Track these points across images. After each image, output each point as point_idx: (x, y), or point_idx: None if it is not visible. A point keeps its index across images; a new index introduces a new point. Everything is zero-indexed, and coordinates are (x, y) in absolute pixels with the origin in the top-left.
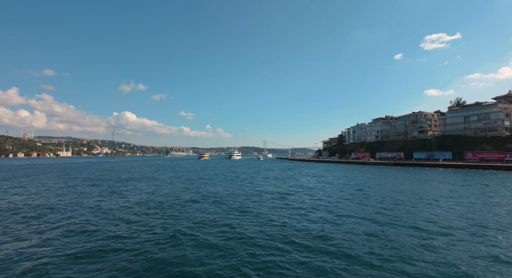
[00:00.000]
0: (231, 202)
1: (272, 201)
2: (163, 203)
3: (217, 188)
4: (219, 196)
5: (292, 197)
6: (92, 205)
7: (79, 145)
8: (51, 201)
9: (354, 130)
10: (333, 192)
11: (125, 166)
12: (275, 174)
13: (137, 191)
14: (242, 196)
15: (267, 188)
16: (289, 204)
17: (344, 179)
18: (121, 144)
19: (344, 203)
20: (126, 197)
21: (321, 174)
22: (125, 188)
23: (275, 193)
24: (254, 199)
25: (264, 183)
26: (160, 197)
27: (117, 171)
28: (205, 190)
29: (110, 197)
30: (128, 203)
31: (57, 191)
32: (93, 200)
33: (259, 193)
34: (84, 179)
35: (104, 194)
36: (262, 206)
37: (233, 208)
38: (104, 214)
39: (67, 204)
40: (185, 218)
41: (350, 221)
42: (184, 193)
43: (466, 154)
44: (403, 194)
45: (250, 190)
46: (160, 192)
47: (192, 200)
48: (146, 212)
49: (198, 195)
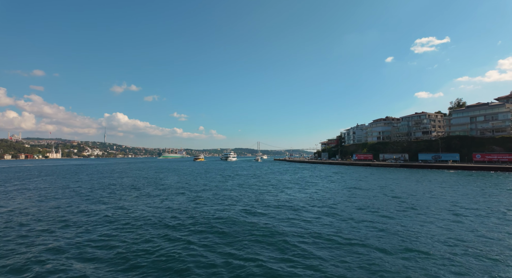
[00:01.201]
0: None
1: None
2: (228, 219)
3: (254, 194)
4: (268, 203)
5: (339, 207)
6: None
7: (69, 146)
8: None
9: (354, 131)
10: (377, 202)
11: (122, 168)
12: (289, 177)
13: (173, 205)
14: (301, 207)
15: (300, 195)
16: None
17: (366, 183)
18: (113, 146)
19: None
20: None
21: (333, 176)
22: (153, 204)
23: (315, 203)
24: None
25: (292, 189)
26: (210, 209)
27: (122, 175)
28: (246, 198)
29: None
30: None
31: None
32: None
33: (306, 206)
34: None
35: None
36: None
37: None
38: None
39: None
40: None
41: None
42: (228, 203)
43: (475, 155)
44: (462, 206)
45: (293, 199)
46: (200, 207)
47: (247, 210)
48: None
49: (245, 205)
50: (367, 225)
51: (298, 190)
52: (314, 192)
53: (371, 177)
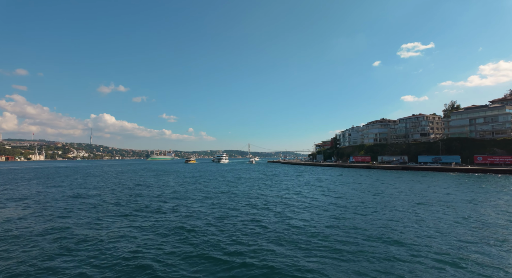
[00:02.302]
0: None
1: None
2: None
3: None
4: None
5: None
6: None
7: (53, 148)
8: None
9: (350, 133)
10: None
11: (114, 170)
12: (294, 180)
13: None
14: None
15: (322, 198)
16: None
17: (381, 186)
18: (99, 147)
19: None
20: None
21: (338, 179)
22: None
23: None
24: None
25: (311, 194)
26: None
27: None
28: (271, 208)
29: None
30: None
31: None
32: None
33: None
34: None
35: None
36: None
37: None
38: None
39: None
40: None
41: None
42: (264, 213)
43: (476, 158)
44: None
45: (322, 205)
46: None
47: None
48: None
49: (275, 213)
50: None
51: (329, 198)
52: (345, 198)
53: (382, 180)
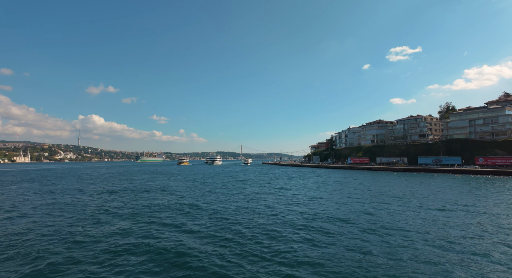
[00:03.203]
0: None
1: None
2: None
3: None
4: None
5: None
6: None
7: (39, 149)
8: None
9: (346, 134)
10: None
11: (106, 172)
12: (303, 182)
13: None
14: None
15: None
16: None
17: (398, 191)
18: (87, 149)
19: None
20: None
21: (346, 181)
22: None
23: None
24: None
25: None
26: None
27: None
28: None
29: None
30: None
31: None
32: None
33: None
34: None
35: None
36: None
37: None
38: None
39: None
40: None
41: None
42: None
43: (477, 159)
44: None
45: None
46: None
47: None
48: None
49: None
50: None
51: (349, 204)
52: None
53: (395, 182)
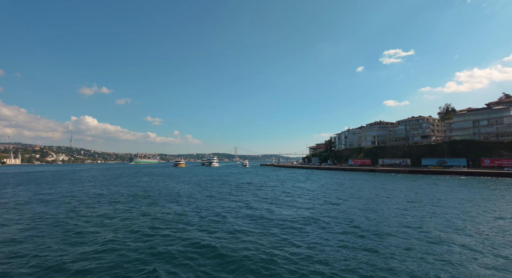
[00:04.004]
0: None
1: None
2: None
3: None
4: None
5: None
6: None
7: (31, 151)
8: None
9: (346, 135)
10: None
11: (102, 175)
12: (314, 185)
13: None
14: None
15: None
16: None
17: (416, 194)
18: (80, 150)
19: None
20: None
21: (358, 185)
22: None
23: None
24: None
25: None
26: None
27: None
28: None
29: None
30: None
31: None
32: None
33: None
34: None
35: None
36: None
37: None
38: None
39: None
40: None
41: None
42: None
43: (483, 160)
44: None
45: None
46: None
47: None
48: None
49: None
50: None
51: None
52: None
53: (401, 185)
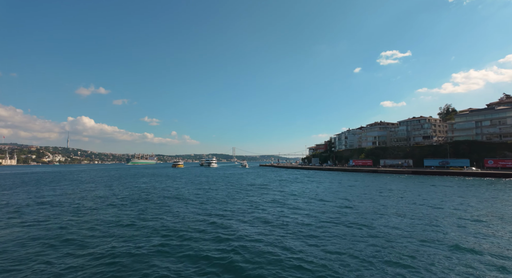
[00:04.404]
0: None
1: None
2: None
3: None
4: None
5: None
6: None
7: (27, 152)
8: None
9: (346, 136)
10: None
11: (102, 175)
12: (320, 187)
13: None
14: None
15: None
16: None
17: (431, 197)
18: (77, 151)
19: None
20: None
21: (365, 186)
22: None
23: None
24: None
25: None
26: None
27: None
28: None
29: None
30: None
31: None
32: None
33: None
34: None
35: None
36: None
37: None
38: None
39: None
40: None
41: None
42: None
43: (487, 161)
44: None
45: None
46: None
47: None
48: None
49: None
50: None
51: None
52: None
53: (421, 187)
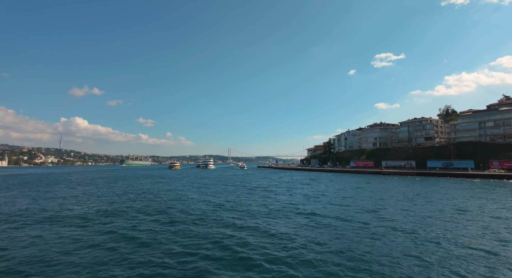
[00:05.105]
0: None
1: None
2: None
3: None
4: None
5: None
6: None
7: (18, 153)
8: None
9: (346, 137)
10: None
11: (99, 177)
12: (331, 190)
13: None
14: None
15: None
16: None
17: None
18: (70, 152)
19: None
20: None
21: (371, 188)
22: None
23: None
24: None
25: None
26: None
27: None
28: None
29: None
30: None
31: None
32: None
33: None
34: None
35: None
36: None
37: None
38: None
39: None
40: None
41: None
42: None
43: (492, 163)
44: None
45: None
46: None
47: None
48: None
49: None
50: None
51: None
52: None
53: (426, 191)
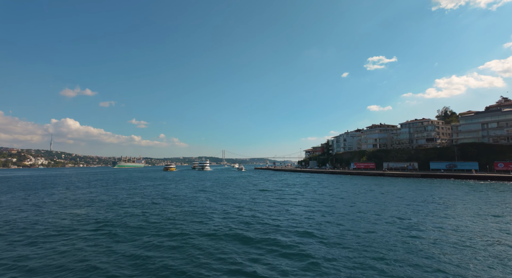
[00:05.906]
0: None
1: None
2: None
3: None
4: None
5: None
6: None
7: (7, 155)
8: None
9: (345, 138)
10: None
11: (95, 179)
12: (342, 193)
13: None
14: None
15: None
16: None
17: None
18: (60, 154)
19: None
20: None
21: (382, 190)
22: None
23: None
24: None
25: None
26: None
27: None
28: None
29: None
30: None
31: None
32: None
33: None
34: None
35: None
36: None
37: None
38: None
39: None
40: None
41: None
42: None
43: (497, 164)
44: None
45: None
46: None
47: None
48: None
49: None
50: None
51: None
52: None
53: (439, 194)
